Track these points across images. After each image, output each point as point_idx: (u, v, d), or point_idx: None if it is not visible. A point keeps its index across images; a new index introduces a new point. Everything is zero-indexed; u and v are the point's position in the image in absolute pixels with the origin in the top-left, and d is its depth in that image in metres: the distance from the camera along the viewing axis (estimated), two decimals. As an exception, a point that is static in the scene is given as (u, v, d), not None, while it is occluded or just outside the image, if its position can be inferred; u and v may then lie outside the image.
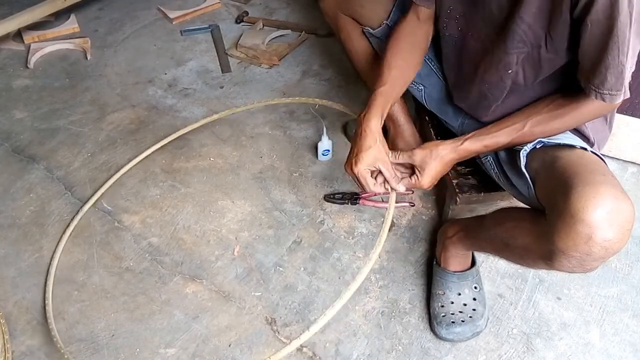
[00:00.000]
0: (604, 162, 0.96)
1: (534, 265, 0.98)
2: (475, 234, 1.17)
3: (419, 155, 1.08)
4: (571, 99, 0.99)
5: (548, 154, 0.97)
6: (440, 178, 1.11)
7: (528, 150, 0.99)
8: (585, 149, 0.97)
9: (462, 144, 1.07)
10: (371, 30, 1.30)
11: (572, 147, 0.97)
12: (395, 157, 1.10)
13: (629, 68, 0.88)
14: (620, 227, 0.81)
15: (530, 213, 1.01)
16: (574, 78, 0.95)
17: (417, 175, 1.09)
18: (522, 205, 1.10)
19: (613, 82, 0.88)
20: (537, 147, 0.99)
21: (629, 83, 0.92)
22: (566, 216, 0.82)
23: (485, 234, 1.12)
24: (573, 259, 0.84)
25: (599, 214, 0.80)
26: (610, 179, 0.86)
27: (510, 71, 1.02)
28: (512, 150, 1.06)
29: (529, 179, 0.97)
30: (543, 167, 0.96)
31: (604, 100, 0.91)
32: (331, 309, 0.97)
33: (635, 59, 0.90)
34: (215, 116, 1.69)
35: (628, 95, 0.91)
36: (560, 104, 1.01)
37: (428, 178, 1.08)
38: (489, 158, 1.17)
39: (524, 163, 0.98)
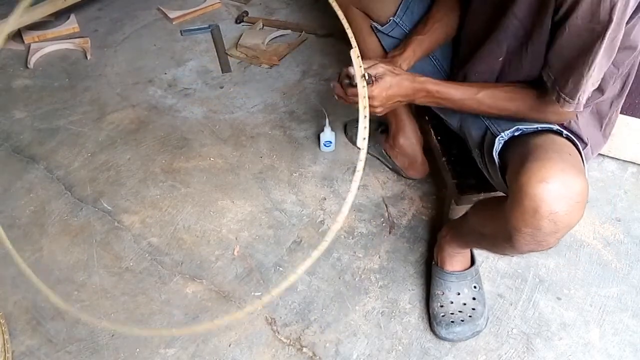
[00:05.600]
0: (576, 146, 0.95)
1: (503, 251, 1.00)
2: (461, 229, 1.19)
3: (382, 65, 1.04)
4: (529, 89, 1.01)
5: (521, 139, 0.98)
6: (388, 103, 1.06)
7: (506, 138, 1.00)
8: (561, 133, 0.97)
9: (422, 77, 1.06)
10: (379, 27, 1.30)
11: (547, 132, 0.98)
12: (361, 62, 0.99)
13: (590, 83, 0.89)
14: (567, 200, 0.81)
15: (498, 199, 1.02)
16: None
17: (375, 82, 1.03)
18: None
19: (570, 87, 0.90)
20: (516, 134, 1.00)
21: (623, 86, 0.93)
22: (515, 192, 0.84)
23: (467, 227, 1.14)
24: (526, 234, 0.85)
25: (544, 187, 0.80)
26: (563, 156, 0.86)
27: (500, 59, 1.04)
28: (492, 138, 1.07)
29: (497, 163, 0.98)
30: (513, 153, 0.97)
31: (557, 100, 0.92)
32: (309, 259, 0.90)
33: (600, 76, 0.91)
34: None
35: (580, 109, 0.92)
36: (518, 90, 1.02)
37: (379, 90, 1.02)
38: (477, 151, 1.17)
39: (498, 149, 0.99)
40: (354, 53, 0.94)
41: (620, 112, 1.47)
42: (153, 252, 1.43)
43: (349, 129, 1.72)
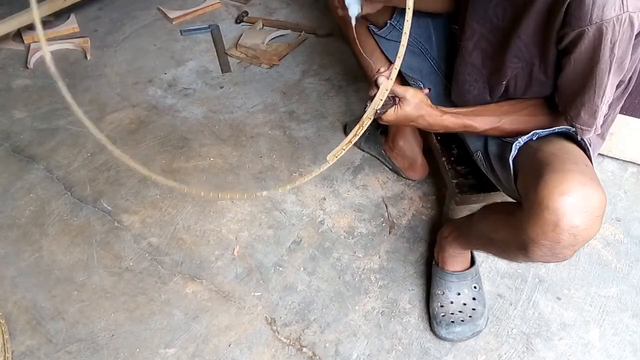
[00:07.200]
0: (587, 153, 0.96)
1: (515, 258, 0.99)
2: (467, 232, 1.18)
3: (409, 95, 1.03)
4: (549, 109, 1.03)
5: (534, 145, 0.98)
6: (400, 124, 1.08)
7: (522, 143, 0.99)
8: (574, 137, 0.98)
9: (442, 115, 1.06)
10: (376, 30, 1.30)
11: (560, 137, 0.98)
12: (391, 78, 1.00)
13: (605, 106, 0.92)
14: (588, 214, 0.81)
15: (510, 205, 1.02)
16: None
17: (397, 106, 1.04)
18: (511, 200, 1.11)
19: (586, 118, 0.93)
20: (533, 139, 1.00)
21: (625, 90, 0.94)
22: (534, 204, 0.83)
23: (473, 230, 1.14)
24: (544, 247, 0.85)
25: (565, 201, 0.80)
26: (580, 167, 0.86)
27: (503, 82, 1.04)
28: (503, 143, 1.07)
29: (511, 170, 0.98)
30: (525, 159, 0.97)
31: (575, 131, 0.96)
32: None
33: (613, 92, 0.93)
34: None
35: (599, 131, 0.96)
36: (538, 112, 1.04)
37: (394, 117, 1.04)
38: (479, 154, 1.17)
39: (514, 155, 0.98)
40: (385, 84, 0.97)
41: (620, 112, 1.47)
42: (153, 252, 1.43)
43: (349, 129, 1.72)
